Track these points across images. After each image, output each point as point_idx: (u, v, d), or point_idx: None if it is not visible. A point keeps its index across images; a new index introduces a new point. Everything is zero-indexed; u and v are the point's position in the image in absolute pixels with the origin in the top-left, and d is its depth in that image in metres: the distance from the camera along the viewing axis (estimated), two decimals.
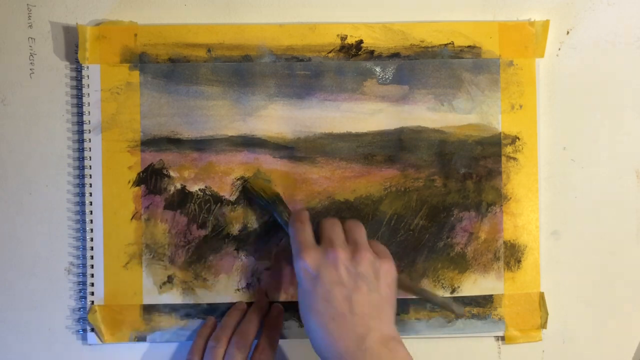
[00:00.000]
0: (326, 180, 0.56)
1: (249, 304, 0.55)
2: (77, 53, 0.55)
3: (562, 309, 0.58)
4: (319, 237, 0.49)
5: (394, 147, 0.56)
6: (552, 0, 0.58)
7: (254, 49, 0.56)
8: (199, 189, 0.56)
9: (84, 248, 0.55)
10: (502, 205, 0.57)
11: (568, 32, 0.58)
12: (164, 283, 0.55)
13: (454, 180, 0.57)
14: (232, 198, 0.56)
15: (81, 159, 0.55)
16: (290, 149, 0.56)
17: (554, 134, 0.58)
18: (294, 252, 0.47)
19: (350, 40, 0.56)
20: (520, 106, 0.57)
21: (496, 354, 0.58)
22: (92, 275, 0.55)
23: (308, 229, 0.49)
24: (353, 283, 0.45)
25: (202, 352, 0.52)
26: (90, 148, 0.55)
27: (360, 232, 0.50)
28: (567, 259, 0.58)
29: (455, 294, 0.57)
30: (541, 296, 0.57)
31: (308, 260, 0.46)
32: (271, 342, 0.53)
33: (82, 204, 0.55)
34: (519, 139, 0.57)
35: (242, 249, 0.56)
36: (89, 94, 0.55)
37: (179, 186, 0.56)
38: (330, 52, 0.56)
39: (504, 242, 0.57)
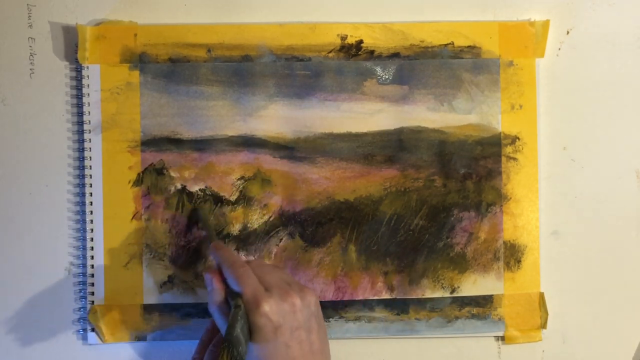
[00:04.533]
0: (326, 180, 0.56)
1: None
2: (77, 53, 0.55)
3: (562, 309, 0.58)
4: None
5: (394, 147, 0.56)
6: (552, 0, 0.58)
7: (254, 49, 0.56)
8: (199, 189, 0.56)
9: (84, 248, 0.55)
10: (502, 205, 0.57)
11: (568, 32, 0.58)
12: (165, 283, 0.55)
13: (454, 180, 0.57)
14: (233, 198, 0.56)
15: (81, 159, 0.55)
16: (290, 149, 0.56)
17: (554, 134, 0.58)
18: (251, 302, 0.45)
19: (350, 40, 0.56)
20: (520, 106, 0.57)
21: (496, 354, 0.58)
22: (93, 275, 0.55)
23: (252, 274, 0.47)
24: (308, 324, 0.46)
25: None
26: (90, 148, 0.55)
27: (286, 272, 0.51)
28: (567, 259, 0.58)
29: (455, 294, 0.57)
30: (541, 296, 0.57)
31: (269, 309, 0.44)
32: None
33: (82, 204, 0.55)
34: (519, 139, 0.57)
35: (242, 249, 0.56)
36: (89, 94, 0.55)
37: (179, 186, 0.56)
38: (330, 52, 0.56)
39: (504, 242, 0.57)
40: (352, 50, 0.56)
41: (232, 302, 0.46)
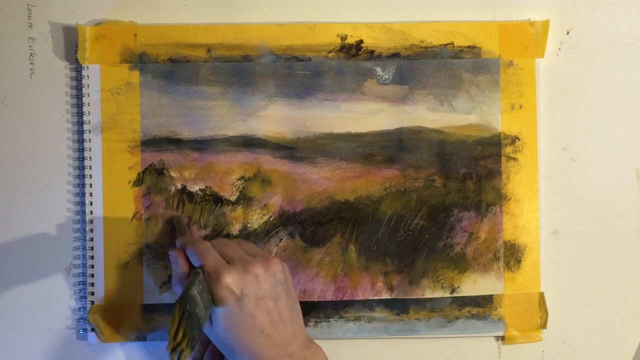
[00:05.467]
0: (326, 180, 0.56)
1: None
2: (77, 53, 0.55)
3: (562, 309, 0.58)
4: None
5: (394, 147, 0.56)
6: (552, 0, 0.58)
7: (254, 49, 0.56)
8: (200, 189, 0.56)
9: (84, 248, 0.55)
10: (502, 205, 0.57)
11: (568, 32, 0.58)
12: (165, 283, 0.55)
13: (454, 181, 0.57)
14: (233, 198, 0.56)
15: (81, 159, 0.55)
16: (290, 149, 0.56)
17: (554, 134, 0.58)
18: (212, 274, 0.45)
19: (350, 40, 0.56)
20: (520, 106, 0.57)
21: (496, 354, 0.58)
22: (93, 275, 0.55)
23: (212, 249, 0.48)
24: (274, 293, 0.46)
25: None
26: (90, 148, 0.55)
27: (251, 245, 0.51)
28: (567, 259, 0.58)
29: (455, 294, 0.57)
30: (541, 296, 0.57)
31: (231, 280, 0.45)
32: None
33: (82, 204, 0.55)
34: (519, 139, 0.57)
35: None
36: (89, 94, 0.55)
37: (179, 186, 0.56)
38: (330, 52, 0.56)
39: (504, 242, 0.57)
40: (352, 50, 0.56)
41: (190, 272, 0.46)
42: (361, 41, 0.56)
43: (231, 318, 0.44)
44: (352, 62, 0.56)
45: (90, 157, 0.55)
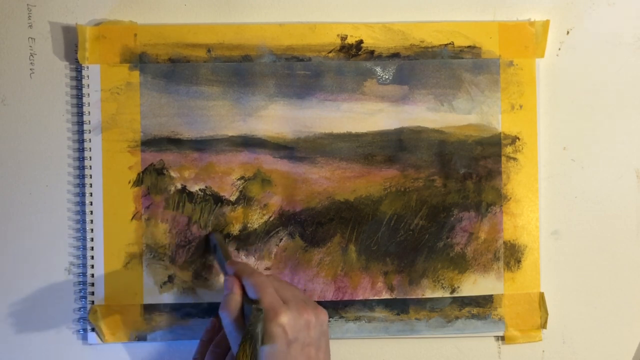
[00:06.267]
0: (326, 180, 0.56)
1: None
2: (77, 53, 0.55)
3: (562, 309, 0.58)
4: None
5: (394, 147, 0.56)
6: (552, 0, 0.58)
7: (254, 49, 0.56)
8: (200, 189, 0.56)
9: (84, 248, 0.55)
10: (502, 206, 0.57)
11: (568, 32, 0.58)
12: (165, 283, 0.55)
13: (454, 181, 0.57)
14: (233, 198, 0.56)
15: (81, 159, 0.55)
16: (291, 149, 0.56)
17: (554, 134, 0.58)
18: (270, 311, 0.45)
19: (350, 40, 0.56)
20: (520, 106, 0.57)
21: (496, 354, 0.58)
22: (93, 275, 0.55)
23: (270, 285, 0.48)
24: (318, 343, 0.47)
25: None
26: (90, 148, 0.55)
27: (299, 290, 0.51)
28: (567, 259, 0.58)
29: (455, 294, 0.57)
30: (541, 296, 0.57)
31: (286, 321, 0.45)
32: None
33: (82, 204, 0.56)
34: (519, 139, 0.57)
35: (242, 249, 0.56)
36: (89, 94, 0.55)
37: (179, 186, 0.56)
38: (330, 52, 0.56)
39: (504, 242, 0.57)
40: (352, 50, 0.56)
41: (252, 307, 0.45)
42: (361, 41, 0.56)
43: (276, 358, 0.44)
44: (352, 62, 0.56)
45: (90, 157, 0.55)
